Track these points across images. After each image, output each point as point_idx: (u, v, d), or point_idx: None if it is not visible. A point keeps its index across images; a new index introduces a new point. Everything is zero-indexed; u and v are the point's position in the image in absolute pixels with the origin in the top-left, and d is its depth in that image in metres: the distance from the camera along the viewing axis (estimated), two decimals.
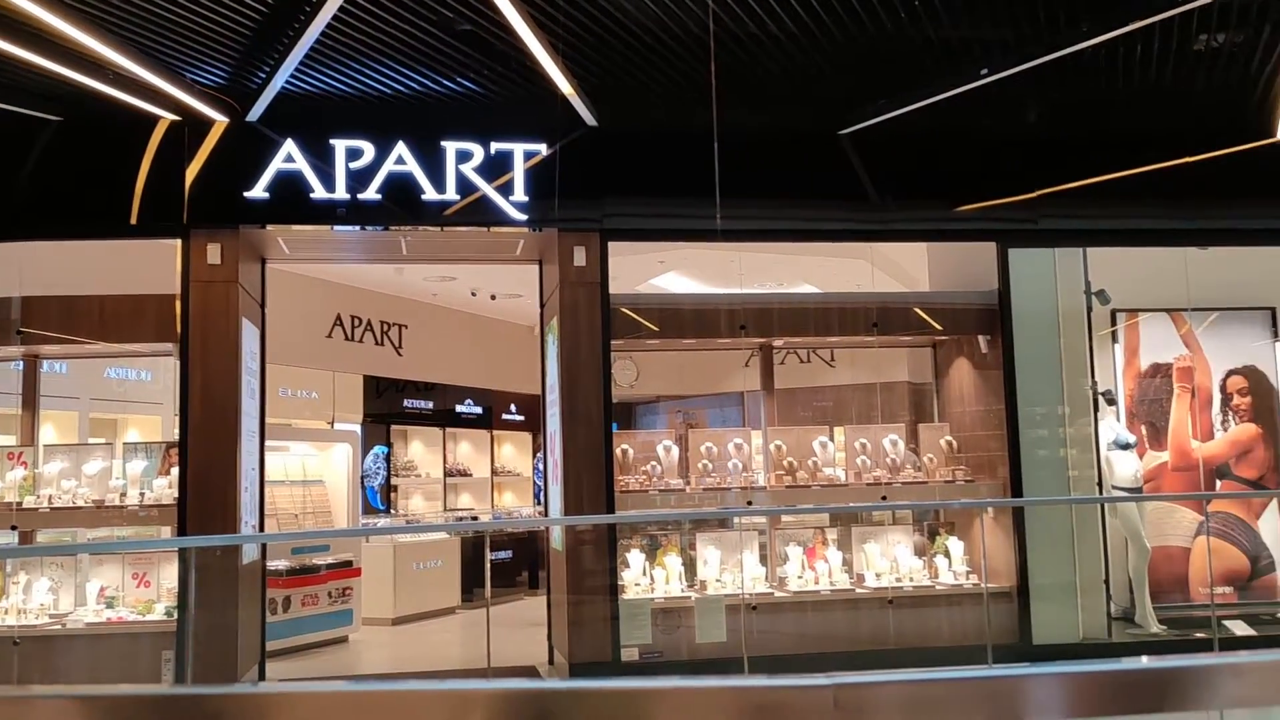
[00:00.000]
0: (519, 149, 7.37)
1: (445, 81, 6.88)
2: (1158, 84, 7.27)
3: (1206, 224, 8.31)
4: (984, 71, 6.81)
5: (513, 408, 14.63)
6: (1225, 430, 9.19)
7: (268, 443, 8.17)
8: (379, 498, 12.42)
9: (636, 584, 7.80)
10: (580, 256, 7.51)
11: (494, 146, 7.34)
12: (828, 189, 7.96)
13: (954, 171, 8.11)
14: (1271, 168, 8.24)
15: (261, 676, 7.75)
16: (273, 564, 8.73)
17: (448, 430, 13.66)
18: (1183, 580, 8.96)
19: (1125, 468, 8.63)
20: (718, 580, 7.91)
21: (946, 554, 8.28)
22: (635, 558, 7.90)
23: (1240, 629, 8.46)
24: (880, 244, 8.71)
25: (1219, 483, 9.11)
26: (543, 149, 7.41)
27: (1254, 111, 7.82)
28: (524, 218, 7.40)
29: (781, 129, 7.87)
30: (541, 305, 8.50)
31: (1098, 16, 6.13)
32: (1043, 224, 8.08)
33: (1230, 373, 9.26)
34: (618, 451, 7.97)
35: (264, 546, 8.01)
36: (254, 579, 7.73)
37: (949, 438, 8.67)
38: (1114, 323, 9.15)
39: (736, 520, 8.43)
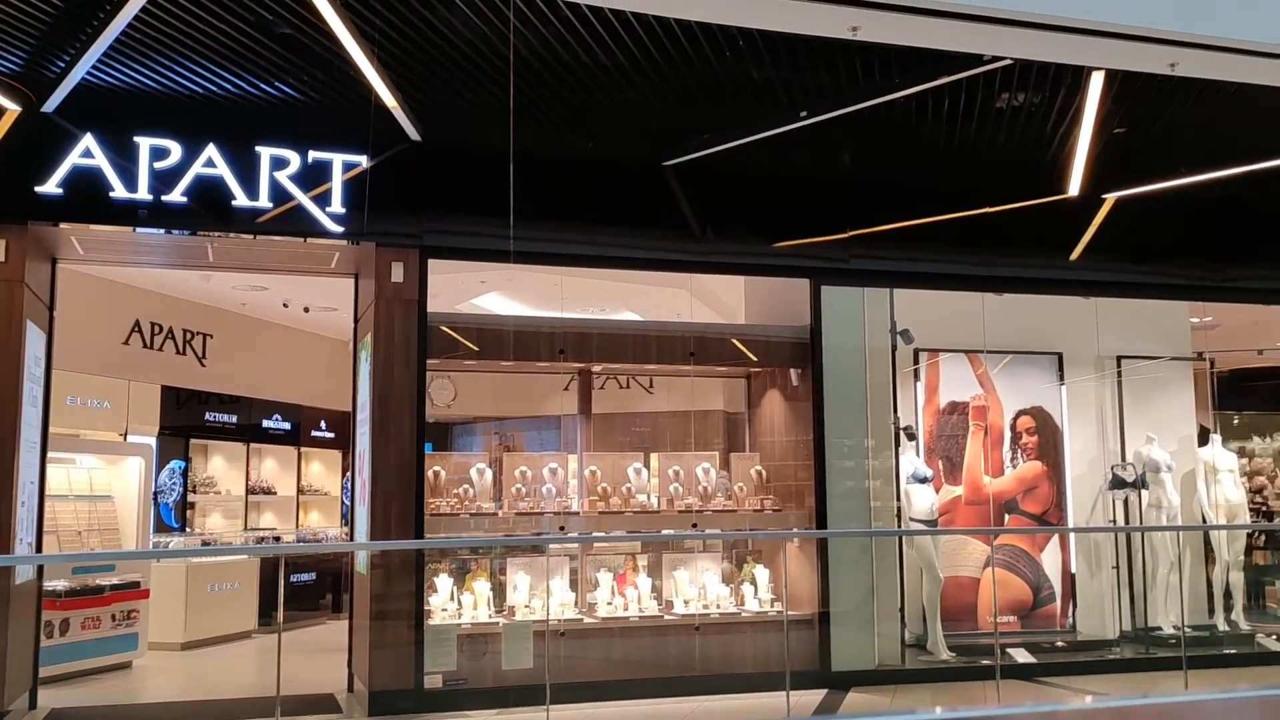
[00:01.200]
0: (338, 159, 7.16)
1: (263, 85, 6.63)
2: (963, 137, 7.67)
3: (1003, 272, 8.79)
4: (803, 114, 7.03)
5: (323, 424, 14.17)
6: (1014, 467, 9.73)
7: (52, 454, 7.64)
8: (173, 515, 11.78)
9: (443, 609, 7.64)
10: (398, 272, 7.35)
11: (312, 155, 7.10)
12: (651, 218, 8.05)
13: (772, 208, 8.33)
14: (1062, 222, 8.82)
15: (32, 705, 7.22)
16: (50, 584, 8.15)
17: (252, 446, 13.09)
18: (972, 609, 9.41)
19: (922, 501, 9.01)
20: (527, 606, 7.83)
21: (753, 581, 8.44)
22: (443, 582, 7.74)
23: (1022, 656, 8.93)
24: (700, 274, 8.87)
25: (1007, 517, 9.63)
26: (363, 161, 7.22)
27: (1048, 169, 8.34)
28: (341, 230, 7.18)
29: (608, 156, 7.92)
30: (356, 320, 8.27)
31: (909, 70, 6.41)
32: (854, 264, 8.39)
33: (1020, 413, 9.81)
34: (429, 473, 7.80)
35: (40, 566, 7.47)
36: (28, 600, 7.20)
37: (759, 467, 8.86)
38: (916, 361, 9.56)
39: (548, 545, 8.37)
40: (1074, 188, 8.48)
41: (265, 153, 7.02)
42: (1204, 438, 10.36)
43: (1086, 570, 9.90)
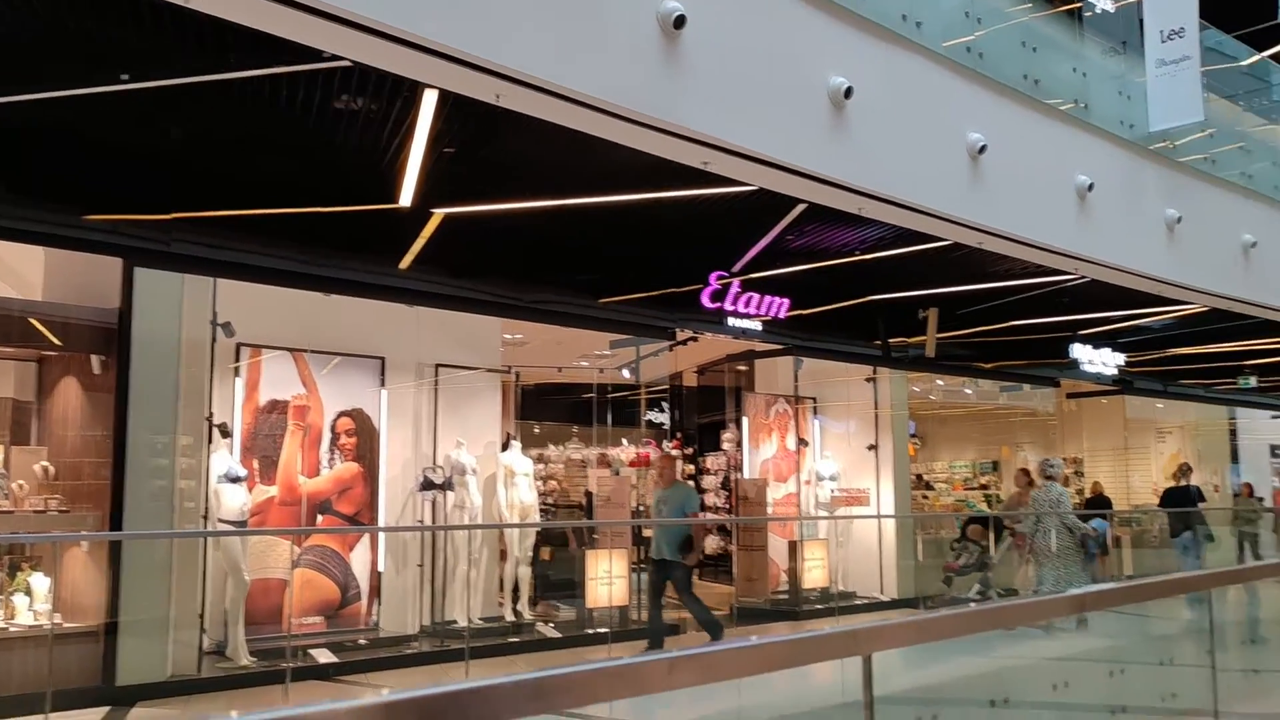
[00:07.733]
0: None
1: None
2: (303, 132, 7.52)
3: (333, 273, 8.77)
4: (125, 77, 6.41)
5: None
6: (331, 468, 9.78)
7: None
8: None
9: None
10: None
11: None
12: None
13: (86, 176, 7.48)
14: (391, 230, 9.03)
15: None
16: None
17: None
18: (279, 611, 9.25)
19: (233, 501, 8.68)
20: None
21: (29, 592, 7.49)
22: None
23: (325, 656, 8.98)
24: None
25: (320, 517, 9.64)
26: None
27: (382, 176, 8.50)
28: None
29: None
30: None
31: (249, 51, 6.13)
32: (175, 248, 7.82)
33: (341, 414, 9.91)
34: None
35: None
36: None
37: (46, 463, 7.91)
38: (238, 357, 9.22)
39: None
40: (406, 199, 8.74)
41: None
42: (506, 444, 11.31)
43: (394, 568, 10.26)
